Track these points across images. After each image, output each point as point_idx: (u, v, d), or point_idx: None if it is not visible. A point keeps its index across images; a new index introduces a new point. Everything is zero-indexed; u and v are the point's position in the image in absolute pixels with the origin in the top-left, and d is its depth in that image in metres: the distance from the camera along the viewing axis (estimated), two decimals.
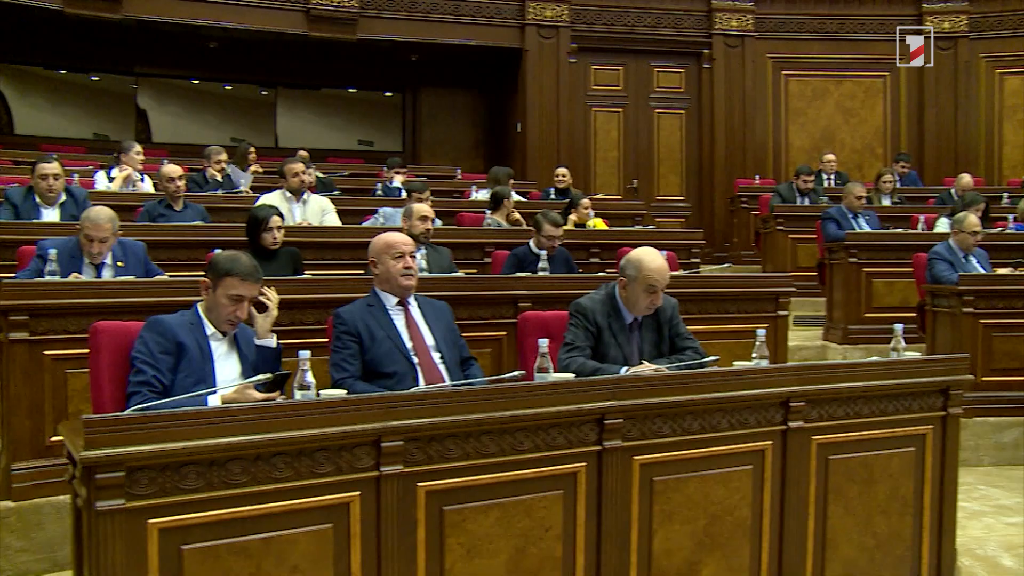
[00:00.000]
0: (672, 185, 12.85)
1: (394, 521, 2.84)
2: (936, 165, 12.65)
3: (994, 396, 6.28)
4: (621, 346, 4.01)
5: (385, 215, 7.49)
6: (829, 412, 3.62)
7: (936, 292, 6.65)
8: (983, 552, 4.49)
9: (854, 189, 8.44)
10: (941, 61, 12.72)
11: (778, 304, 5.79)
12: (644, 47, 12.66)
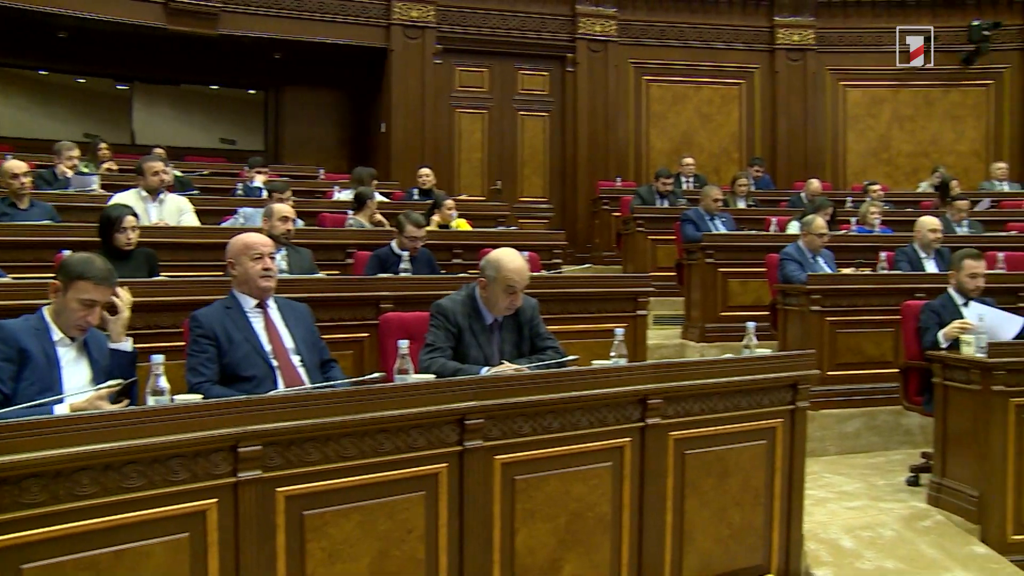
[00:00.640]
0: (535, 187, 13.00)
1: (253, 528, 2.79)
2: (788, 170, 13.19)
3: (838, 389, 6.56)
4: (482, 347, 4.03)
5: (245, 215, 7.33)
6: (685, 408, 3.73)
7: (787, 291, 6.90)
8: (827, 536, 4.67)
9: (711, 192, 8.70)
10: (791, 72, 13.35)
11: (637, 304, 5.93)
12: (509, 49, 12.75)
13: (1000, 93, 13.58)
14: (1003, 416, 4.67)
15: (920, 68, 13.42)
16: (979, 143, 13.64)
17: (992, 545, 4.65)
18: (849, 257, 7.54)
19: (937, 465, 5.18)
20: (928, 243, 7.15)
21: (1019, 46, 13.44)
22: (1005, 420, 4.68)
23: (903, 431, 6.58)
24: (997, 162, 12.60)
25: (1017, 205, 10.87)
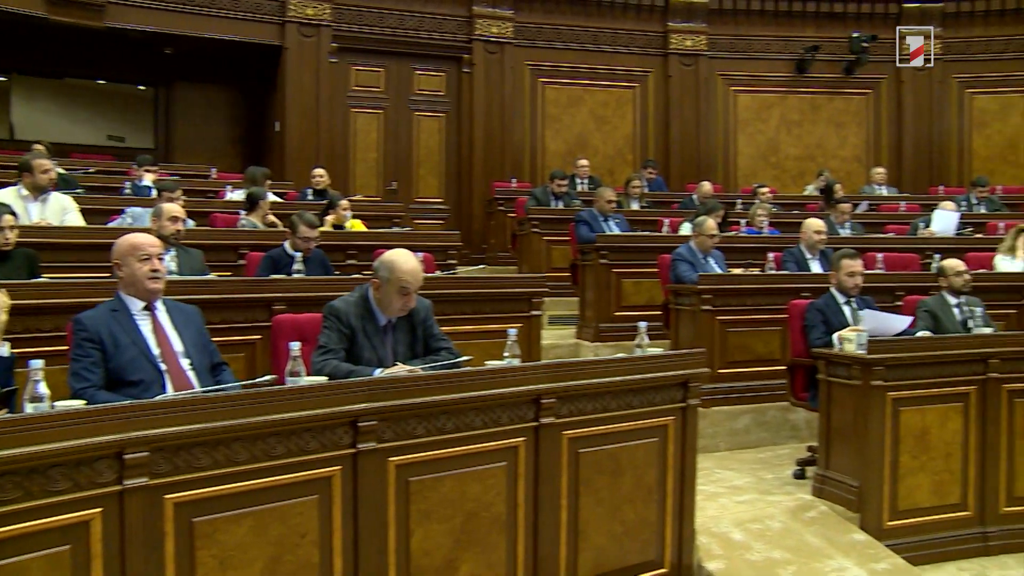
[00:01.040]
0: (431, 187, 12.96)
1: (140, 537, 2.71)
2: (680, 172, 13.45)
3: (729, 387, 6.72)
4: (375, 348, 4.00)
5: (134, 215, 7.12)
6: (579, 407, 3.78)
7: (678, 291, 7.03)
8: (718, 529, 4.78)
9: (605, 193, 8.81)
10: (684, 76, 13.63)
11: (532, 304, 5.97)
12: (405, 50, 12.67)
13: (878, 102, 14.16)
14: (881, 409, 4.87)
15: (806, 75, 13.90)
16: (860, 148, 14.19)
17: (871, 532, 4.84)
18: (739, 258, 7.75)
19: (821, 458, 5.36)
20: (813, 244, 7.38)
21: (892, 59, 14.00)
22: (883, 413, 4.87)
23: (790, 426, 6.78)
24: (876, 167, 13.14)
25: (894, 208, 11.32)
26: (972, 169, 13.77)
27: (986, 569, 4.91)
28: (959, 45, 14.02)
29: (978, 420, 5.12)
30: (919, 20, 13.91)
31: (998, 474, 5.16)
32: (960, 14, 13.97)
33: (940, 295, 6.10)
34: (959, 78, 14.09)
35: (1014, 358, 5.20)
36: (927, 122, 14.03)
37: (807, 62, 13.77)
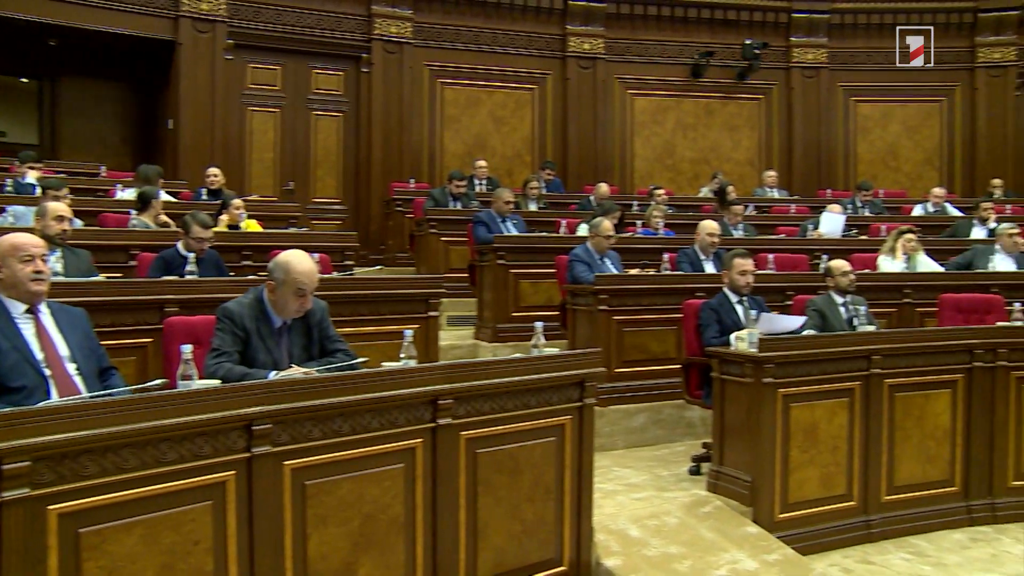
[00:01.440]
0: (329, 187, 12.79)
1: (20, 551, 2.60)
2: (578, 174, 13.58)
3: (625, 385, 6.81)
4: (270, 350, 3.93)
5: (16, 214, 6.88)
6: (476, 408, 3.78)
7: (575, 291, 7.10)
8: (615, 526, 4.83)
9: (503, 194, 8.85)
10: (582, 79, 13.76)
11: (429, 305, 5.96)
12: (303, 48, 12.48)
13: (770, 107, 14.57)
14: (772, 406, 5.01)
15: (701, 80, 14.20)
16: (753, 152, 14.56)
17: (763, 524, 4.97)
18: (635, 258, 7.85)
19: (715, 454, 5.48)
20: (707, 245, 7.54)
21: (784, 65, 14.45)
22: (774, 409, 5.01)
23: (686, 424, 6.90)
24: (768, 170, 13.52)
25: (784, 210, 11.65)
26: (857, 173, 14.29)
27: (868, 555, 5.10)
28: (844, 55, 14.54)
29: (862, 414, 5.32)
30: (807, 31, 14.37)
31: (880, 465, 5.38)
32: (844, 26, 14.48)
33: (827, 294, 6.30)
34: (844, 86, 14.61)
35: (895, 354, 5.41)
36: (815, 128, 14.50)
37: (702, 67, 14.06)
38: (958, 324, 6.69)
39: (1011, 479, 5.76)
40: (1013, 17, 14.29)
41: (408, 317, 5.78)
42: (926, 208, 11.79)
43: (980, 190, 13.57)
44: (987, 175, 13.90)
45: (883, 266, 8.19)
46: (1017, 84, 14.40)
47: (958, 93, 14.58)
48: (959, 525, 5.57)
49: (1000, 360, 5.73)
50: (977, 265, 8.34)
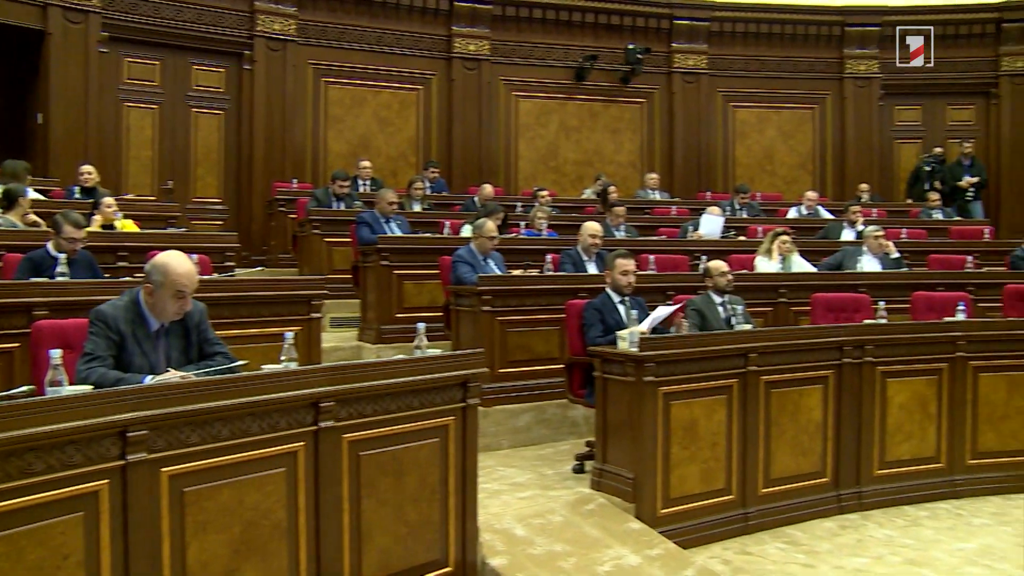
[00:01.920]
0: (210, 187, 12.44)
1: None
2: (463, 175, 13.56)
3: (510, 386, 6.86)
4: (147, 354, 3.80)
5: None
6: (359, 410, 3.75)
7: (459, 292, 7.11)
8: (501, 526, 4.86)
9: (386, 195, 8.79)
10: (467, 80, 13.75)
11: (312, 307, 5.89)
12: (183, 43, 12.08)
13: (652, 111, 14.85)
14: (653, 404, 5.11)
15: (585, 83, 14.36)
16: (635, 155, 14.82)
17: (646, 520, 5.07)
18: (518, 259, 7.90)
19: (599, 452, 5.56)
20: (589, 246, 7.64)
21: (666, 70, 14.76)
22: (655, 407, 5.12)
23: (570, 423, 6.98)
24: (650, 173, 13.80)
25: (666, 212, 11.90)
26: (735, 176, 14.71)
27: (746, 546, 5.27)
28: (723, 62, 14.94)
29: (740, 410, 5.48)
30: (688, 37, 14.72)
31: (757, 459, 5.56)
32: (723, 33, 14.87)
33: (706, 294, 6.47)
34: (723, 92, 15.02)
35: (770, 352, 5.60)
36: (696, 132, 14.84)
37: (586, 70, 14.24)
38: (829, 322, 6.95)
39: (876, 468, 6.05)
40: (875, 32, 14.95)
41: (290, 319, 5.70)
42: (800, 211, 12.22)
43: (849, 194, 14.15)
44: (856, 180, 14.53)
45: (760, 267, 8.44)
46: (881, 95, 15.10)
47: (829, 102, 15.19)
48: (830, 514, 5.81)
49: (867, 356, 6.00)
50: (846, 266, 8.69)
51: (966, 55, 15.08)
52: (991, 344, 6.46)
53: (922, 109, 15.50)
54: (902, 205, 13.89)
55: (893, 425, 6.12)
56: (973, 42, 15.08)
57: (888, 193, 14.99)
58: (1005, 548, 5.31)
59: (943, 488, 6.24)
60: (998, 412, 6.45)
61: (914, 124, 15.52)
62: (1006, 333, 6.58)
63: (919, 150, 14.91)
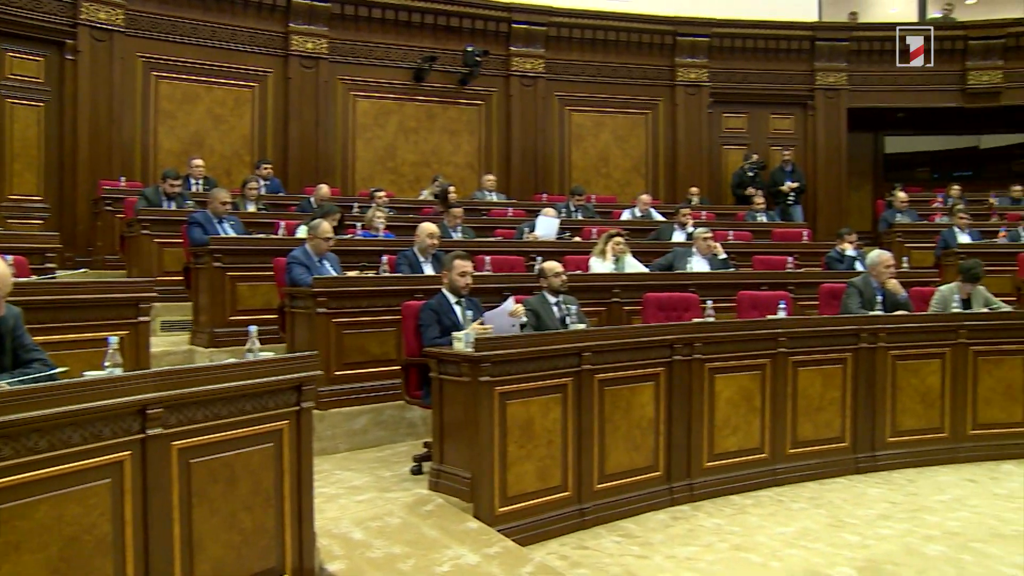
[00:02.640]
0: (28, 184, 11.68)
1: None
2: (299, 175, 13.30)
3: (347, 388, 6.80)
4: None
5: None
6: (189, 416, 3.63)
7: (294, 294, 7.00)
8: (338, 530, 4.83)
9: (219, 195, 8.55)
10: (305, 79, 13.51)
11: (140, 310, 5.66)
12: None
13: (490, 113, 14.98)
14: (490, 403, 5.16)
15: (423, 84, 14.35)
16: (473, 156, 14.91)
17: (484, 519, 5.11)
18: (355, 260, 7.83)
19: (436, 453, 5.58)
20: (426, 247, 7.65)
21: (504, 73, 14.92)
22: (491, 407, 5.17)
23: (407, 424, 6.98)
24: (487, 174, 13.94)
25: (503, 214, 12.04)
26: (571, 179, 15.03)
27: (583, 541, 5.38)
28: (560, 66, 15.21)
29: (575, 408, 5.59)
30: (526, 41, 14.92)
31: (592, 456, 5.68)
32: (560, 38, 15.15)
33: (541, 294, 6.58)
34: (560, 96, 15.30)
35: (604, 351, 5.74)
36: (533, 134, 15.05)
37: (424, 72, 14.23)
38: (660, 321, 7.21)
39: (705, 461, 6.31)
40: (704, 43, 15.59)
41: (117, 323, 5.45)
42: (633, 213, 12.60)
43: (680, 197, 14.72)
44: (686, 183, 15.11)
45: (594, 267, 8.66)
46: (710, 103, 15.75)
47: (661, 108, 15.71)
48: (663, 506, 6.02)
49: (696, 353, 6.23)
50: (677, 266, 9.01)
51: (785, 68, 15.98)
52: (808, 340, 6.84)
53: (747, 117, 16.27)
54: (729, 208, 14.52)
55: (721, 419, 6.39)
56: (791, 57, 15.97)
57: (716, 196, 15.66)
58: (819, 529, 5.65)
59: (766, 477, 6.57)
60: (814, 404, 6.84)
61: (740, 131, 16.27)
62: (821, 330, 6.98)
63: (745, 156, 15.62)
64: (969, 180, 16.93)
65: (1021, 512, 6.08)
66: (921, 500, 6.33)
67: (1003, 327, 7.60)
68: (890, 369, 7.16)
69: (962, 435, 7.40)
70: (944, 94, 16.08)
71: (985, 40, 15.84)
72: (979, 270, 7.93)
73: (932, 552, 5.28)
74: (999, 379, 7.49)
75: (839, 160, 16.02)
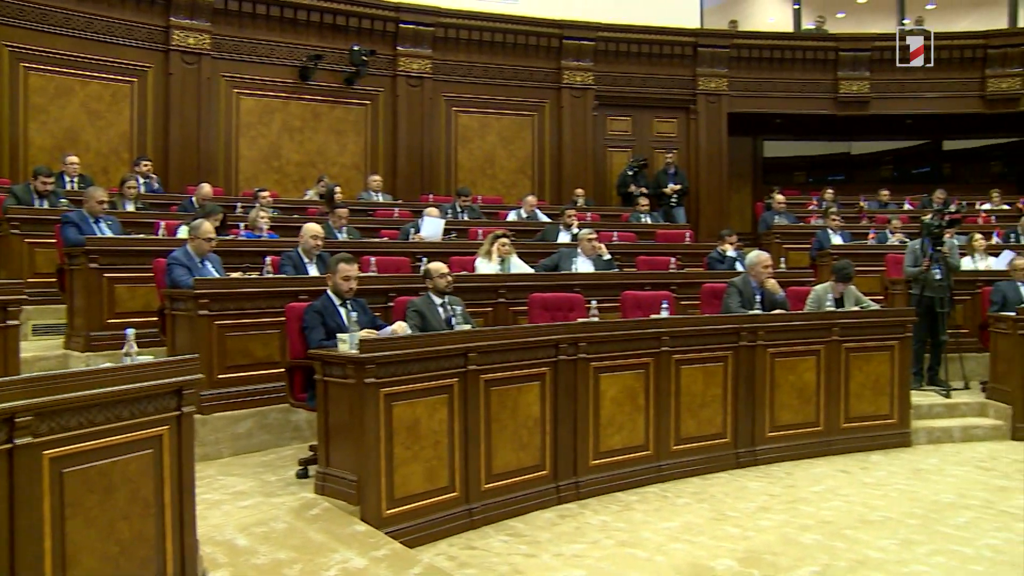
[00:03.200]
0: None
1: None
2: (180, 174, 12.94)
3: (230, 391, 6.67)
4: None
5: None
6: (62, 424, 3.49)
7: (175, 296, 6.82)
8: (222, 537, 4.73)
9: (95, 193, 8.26)
10: (186, 75, 13.15)
11: (8, 313, 5.42)
12: None
13: (376, 113, 14.87)
14: (375, 405, 5.13)
15: (309, 83, 14.15)
16: (359, 156, 14.77)
17: (371, 522, 5.08)
18: (238, 261, 7.71)
19: (322, 456, 5.52)
20: (311, 248, 7.56)
21: (391, 73, 14.85)
22: (377, 408, 5.14)
23: (293, 427, 6.90)
24: (373, 174, 13.83)
25: (389, 214, 11.97)
26: (457, 180, 15.05)
27: (471, 541, 5.41)
28: (448, 67, 15.22)
29: (461, 409, 5.61)
30: (414, 41, 14.86)
31: (479, 456, 5.71)
32: (448, 39, 15.14)
33: (427, 295, 6.58)
34: (447, 97, 15.29)
35: (490, 351, 5.77)
36: (419, 135, 15.01)
37: (310, 70, 14.04)
38: (546, 321, 7.28)
39: (591, 459, 6.42)
40: (590, 46, 15.82)
41: None
42: (520, 214, 12.69)
43: (566, 198, 14.90)
44: (572, 185, 15.31)
45: (480, 268, 8.70)
46: (595, 105, 15.99)
47: (547, 110, 15.87)
48: (550, 504, 6.09)
49: (581, 353, 6.33)
50: (562, 267, 9.13)
51: (669, 73, 16.36)
52: (691, 339, 7.02)
53: (632, 120, 16.58)
54: (614, 209, 14.77)
55: (606, 417, 6.50)
56: (675, 62, 16.37)
57: (601, 198, 15.92)
58: (702, 523, 5.82)
59: (651, 473, 6.72)
60: (697, 401, 7.03)
61: (625, 134, 16.57)
62: (703, 328, 7.17)
63: (629, 158, 15.91)
64: (842, 184, 17.70)
65: (887, 499, 6.41)
66: (798, 492, 6.58)
67: (872, 325, 7.96)
68: (769, 366, 7.41)
69: (835, 428, 7.72)
70: (818, 101, 16.76)
71: (854, 52, 16.58)
72: (851, 270, 8.28)
73: (807, 541, 5.49)
74: (868, 374, 7.86)
75: (720, 163, 16.48)
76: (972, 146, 18.53)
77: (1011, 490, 6.69)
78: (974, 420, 8.62)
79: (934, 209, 11.17)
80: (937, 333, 9.17)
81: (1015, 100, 16.62)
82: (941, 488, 6.73)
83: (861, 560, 5.16)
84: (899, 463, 7.48)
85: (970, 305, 10.19)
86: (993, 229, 12.80)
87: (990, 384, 8.90)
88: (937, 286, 9.06)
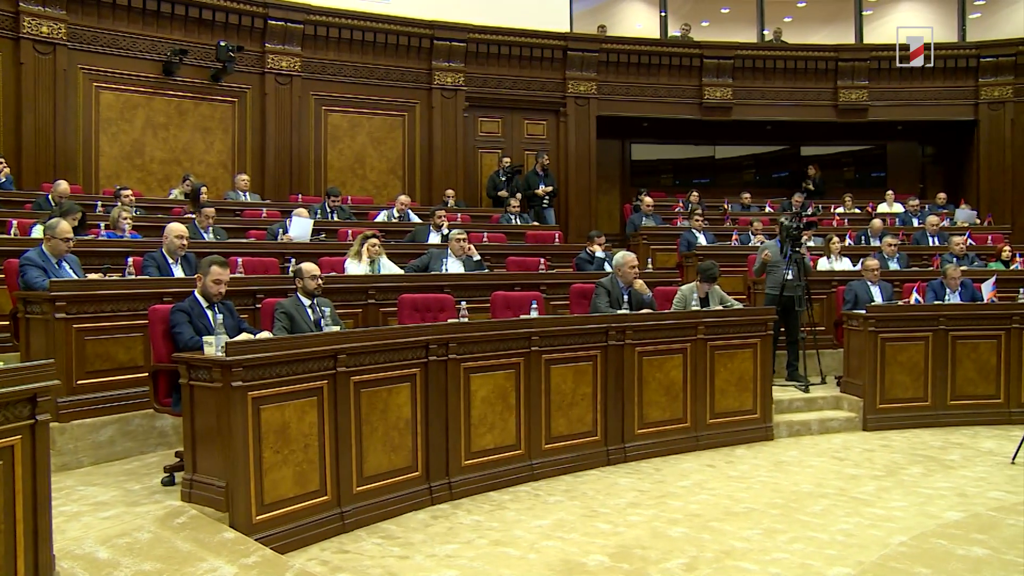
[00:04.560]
0: None
1: None
2: (35, 170, 12.36)
3: (90, 398, 6.43)
4: None
5: None
6: None
7: (29, 299, 6.54)
8: (82, 551, 4.56)
9: None
10: (41, 66, 12.52)
11: None
12: None
13: (244, 111, 14.56)
14: (243, 409, 5.04)
15: (174, 79, 13.71)
16: (226, 155, 14.44)
17: (240, 528, 4.99)
18: (98, 262, 7.47)
19: (188, 462, 5.38)
20: (176, 248, 7.36)
21: (259, 70, 14.57)
22: (245, 412, 5.05)
23: (158, 433, 6.71)
24: (241, 174, 13.53)
25: (257, 214, 11.75)
26: (327, 180, 14.89)
27: (344, 544, 5.37)
28: (318, 66, 15.02)
29: (331, 411, 5.56)
30: (283, 38, 14.61)
31: (350, 458, 5.68)
32: (318, 37, 14.95)
33: (295, 296, 6.50)
34: (316, 96, 15.10)
35: (359, 352, 5.74)
36: (288, 134, 14.77)
37: (175, 65, 13.60)
38: (416, 322, 7.29)
39: (464, 459, 6.46)
40: (461, 48, 15.87)
41: None
42: (391, 214, 12.62)
43: (436, 199, 14.91)
44: (442, 185, 15.34)
45: (349, 269, 8.63)
46: (466, 107, 16.06)
47: (418, 110, 15.85)
48: (423, 506, 6.11)
49: (451, 354, 6.35)
50: (432, 268, 9.14)
51: (539, 75, 16.58)
52: (560, 339, 7.13)
53: (502, 122, 16.72)
54: (485, 210, 14.86)
55: (477, 417, 6.54)
56: (545, 65, 16.59)
57: (472, 199, 16.01)
58: (574, 520, 5.92)
59: (524, 472, 6.80)
60: (567, 400, 7.14)
61: (495, 135, 16.70)
62: (572, 328, 7.28)
63: (499, 159, 16.03)
64: (706, 187, 18.22)
65: (751, 491, 6.66)
66: (666, 487, 6.76)
67: (736, 323, 8.24)
68: (637, 365, 7.59)
69: (702, 424, 7.97)
70: (684, 106, 17.29)
71: (717, 60, 17.17)
72: (715, 270, 8.55)
73: (675, 534, 5.65)
74: (732, 371, 8.13)
75: (589, 165, 16.78)
76: (828, 152, 19.38)
77: (861, 478, 7.05)
78: (830, 413, 9.04)
79: (792, 212, 11.62)
80: (794, 331, 9.58)
81: (863, 111, 17.58)
82: (800, 479, 7.03)
83: (727, 551, 5.34)
84: (762, 456, 7.78)
85: (826, 303, 10.70)
86: (846, 232, 13.41)
87: (844, 379, 9.35)
88: (794, 286, 9.44)
